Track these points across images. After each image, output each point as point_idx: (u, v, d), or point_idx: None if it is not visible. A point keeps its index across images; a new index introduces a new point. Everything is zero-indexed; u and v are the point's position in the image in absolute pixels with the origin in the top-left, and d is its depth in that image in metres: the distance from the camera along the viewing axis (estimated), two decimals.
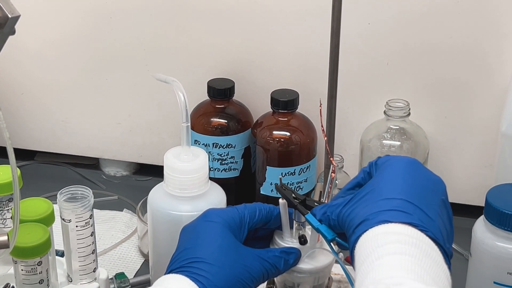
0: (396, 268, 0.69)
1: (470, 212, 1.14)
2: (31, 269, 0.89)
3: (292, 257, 0.85)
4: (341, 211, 0.79)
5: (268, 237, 0.89)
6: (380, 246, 0.71)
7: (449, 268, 0.74)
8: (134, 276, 1.12)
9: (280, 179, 0.90)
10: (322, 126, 0.92)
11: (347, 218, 0.78)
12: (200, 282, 0.78)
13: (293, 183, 1.16)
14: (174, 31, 1.23)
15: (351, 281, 0.82)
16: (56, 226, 0.95)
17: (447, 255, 0.74)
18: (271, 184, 1.17)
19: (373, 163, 0.83)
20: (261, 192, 1.18)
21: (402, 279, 0.68)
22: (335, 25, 0.96)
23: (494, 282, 0.93)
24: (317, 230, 0.84)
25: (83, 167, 1.36)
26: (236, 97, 1.21)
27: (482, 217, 0.96)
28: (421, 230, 0.73)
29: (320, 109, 0.91)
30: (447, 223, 0.77)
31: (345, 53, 1.14)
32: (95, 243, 0.96)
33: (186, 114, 0.95)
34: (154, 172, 1.31)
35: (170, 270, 0.81)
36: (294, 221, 0.88)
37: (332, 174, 0.86)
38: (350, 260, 0.94)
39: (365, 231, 0.74)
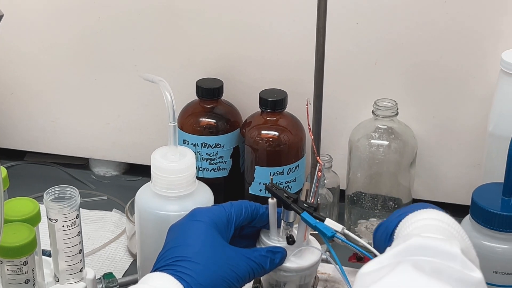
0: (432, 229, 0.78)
1: (459, 211, 1.14)
2: (17, 268, 0.89)
3: (278, 256, 0.85)
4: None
5: (254, 235, 0.90)
6: (424, 218, 0.80)
7: None
8: (123, 276, 1.12)
9: (272, 179, 0.91)
10: (308, 125, 0.92)
11: (384, 223, 0.84)
12: (184, 281, 0.79)
13: (281, 182, 1.16)
14: (163, 31, 1.23)
15: (346, 278, 0.83)
16: (44, 226, 0.95)
17: None
18: (260, 183, 1.17)
19: None
20: (250, 192, 1.18)
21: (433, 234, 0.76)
22: (321, 24, 0.96)
23: None
24: (315, 228, 0.84)
25: (73, 167, 1.36)
26: (224, 97, 1.21)
27: (468, 216, 0.96)
28: None
29: (307, 108, 0.91)
30: None
31: (333, 53, 1.15)
32: (82, 243, 0.96)
33: (173, 114, 0.96)
34: (144, 172, 1.31)
35: (155, 269, 0.81)
36: (282, 221, 0.88)
37: (319, 173, 0.86)
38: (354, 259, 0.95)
39: (413, 211, 0.82)
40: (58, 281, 0.96)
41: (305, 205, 0.86)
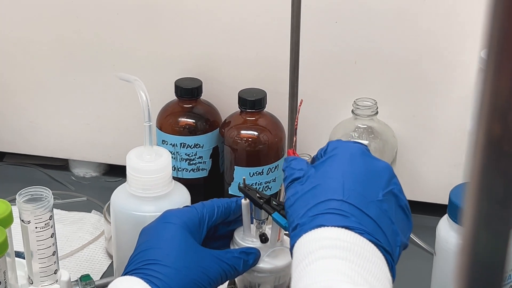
0: (327, 272, 0.68)
1: (438, 211, 1.13)
2: None
3: (252, 257, 0.84)
4: (287, 203, 0.78)
5: (228, 236, 0.89)
6: (312, 251, 0.70)
7: (391, 265, 0.72)
8: (101, 278, 1.11)
9: (244, 179, 0.90)
10: (296, 125, 0.90)
11: (289, 216, 0.77)
12: (154, 285, 0.77)
13: (261, 183, 1.15)
14: (141, 31, 1.22)
15: None
16: (18, 227, 0.94)
17: (390, 253, 0.73)
18: (239, 184, 1.16)
19: (322, 151, 0.81)
20: (229, 192, 1.17)
21: (332, 282, 0.67)
22: (294, 22, 0.95)
23: None
24: (285, 228, 0.83)
25: (52, 168, 1.35)
26: (203, 96, 1.20)
27: (446, 216, 0.95)
28: (359, 233, 0.71)
29: (299, 109, 0.89)
30: (396, 216, 0.76)
31: (312, 52, 1.14)
32: (56, 245, 0.95)
33: (148, 114, 0.95)
34: (124, 173, 1.27)
35: (126, 272, 0.80)
36: (254, 219, 0.87)
37: None
38: None
39: (300, 236, 0.73)
40: (32, 283, 0.95)
41: (273, 203, 0.85)
